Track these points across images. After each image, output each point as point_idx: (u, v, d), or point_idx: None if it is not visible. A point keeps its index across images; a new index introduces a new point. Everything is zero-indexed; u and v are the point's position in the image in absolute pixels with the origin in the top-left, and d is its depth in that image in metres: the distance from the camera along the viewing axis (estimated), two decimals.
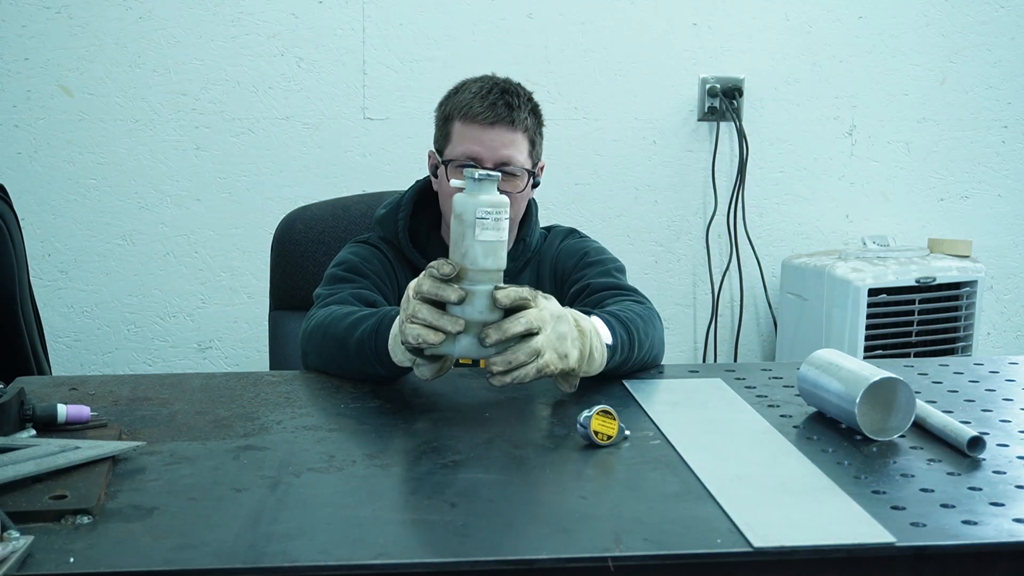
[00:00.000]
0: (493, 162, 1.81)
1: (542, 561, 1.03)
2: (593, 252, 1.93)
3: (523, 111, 1.84)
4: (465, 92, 1.85)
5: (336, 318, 1.64)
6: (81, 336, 3.06)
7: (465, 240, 1.41)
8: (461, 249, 1.42)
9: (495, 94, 1.83)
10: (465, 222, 1.41)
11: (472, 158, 1.81)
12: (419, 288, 1.40)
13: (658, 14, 3.17)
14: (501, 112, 1.82)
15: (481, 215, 1.41)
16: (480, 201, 1.41)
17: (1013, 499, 1.18)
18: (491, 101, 1.82)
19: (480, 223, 1.41)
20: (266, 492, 1.17)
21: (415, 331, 1.39)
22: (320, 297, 1.77)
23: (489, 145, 1.81)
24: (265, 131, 3.04)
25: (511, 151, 1.82)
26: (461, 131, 1.83)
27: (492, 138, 1.81)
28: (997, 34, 3.33)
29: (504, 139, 1.82)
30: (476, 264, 1.40)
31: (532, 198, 1.93)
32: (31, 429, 1.32)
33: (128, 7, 2.94)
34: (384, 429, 1.42)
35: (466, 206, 1.41)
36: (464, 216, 1.41)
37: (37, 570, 0.99)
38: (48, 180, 2.98)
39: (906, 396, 1.38)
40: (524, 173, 1.84)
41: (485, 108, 1.81)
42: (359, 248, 1.90)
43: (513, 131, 1.83)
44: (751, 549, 1.05)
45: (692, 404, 1.52)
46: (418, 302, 1.40)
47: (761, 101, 3.26)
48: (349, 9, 3.03)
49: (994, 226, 3.44)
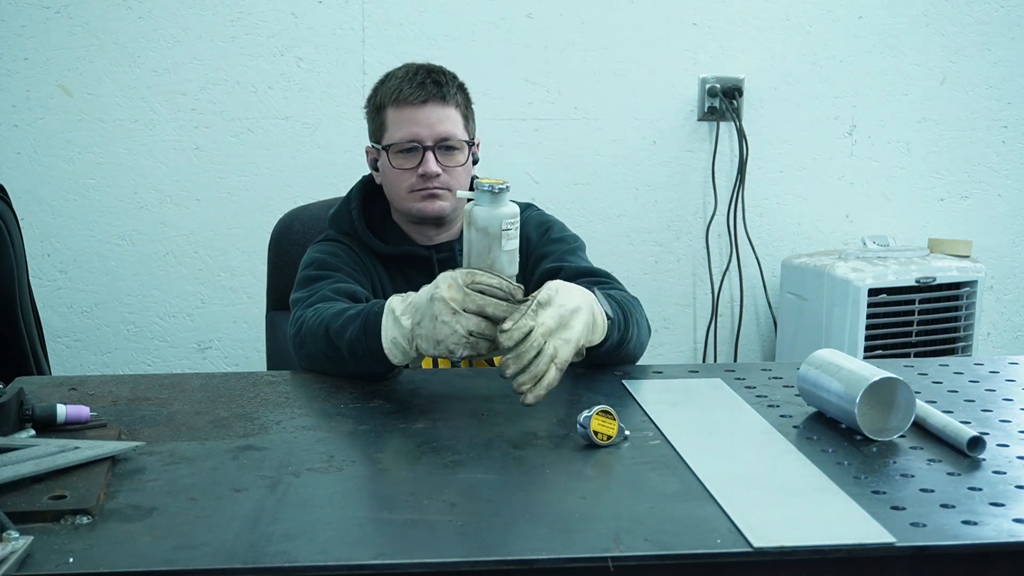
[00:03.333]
0: (433, 139, 1.84)
1: (542, 561, 1.03)
2: (556, 228, 1.96)
3: (452, 87, 1.88)
4: (392, 80, 1.89)
5: (324, 320, 1.63)
6: (81, 336, 3.05)
7: (492, 252, 1.49)
8: (487, 260, 1.49)
9: (421, 75, 1.87)
10: (491, 234, 1.49)
11: (412, 139, 1.84)
12: (482, 311, 1.43)
13: (658, 14, 3.17)
14: (431, 90, 1.85)
15: (506, 227, 1.49)
16: (503, 213, 1.50)
17: (1013, 499, 1.18)
18: (419, 81, 1.86)
19: (505, 234, 1.49)
20: (265, 492, 1.17)
21: (488, 347, 1.45)
22: (299, 301, 1.77)
23: (425, 123, 1.84)
24: (264, 131, 3.04)
25: (447, 126, 1.86)
26: (396, 116, 1.86)
27: (427, 115, 1.85)
28: (997, 34, 3.33)
29: (439, 115, 1.85)
30: (504, 273, 1.49)
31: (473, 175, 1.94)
32: (31, 429, 1.32)
33: (128, 7, 2.94)
34: (384, 429, 1.42)
35: (490, 219, 1.49)
36: (489, 229, 1.49)
37: (37, 570, 0.99)
38: (47, 180, 2.98)
39: (906, 396, 1.38)
40: (464, 146, 1.87)
41: (415, 88, 1.85)
42: (322, 246, 1.92)
43: (445, 106, 1.86)
44: (751, 549, 1.05)
45: (692, 404, 1.52)
46: (480, 319, 1.43)
47: (761, 101, 3.26)
48: (349, 9, 3.03)
49: (994, 226, 3.44)
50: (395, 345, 1.51)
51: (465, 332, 1.43)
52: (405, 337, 1.50)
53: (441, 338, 1.45)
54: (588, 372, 1.72)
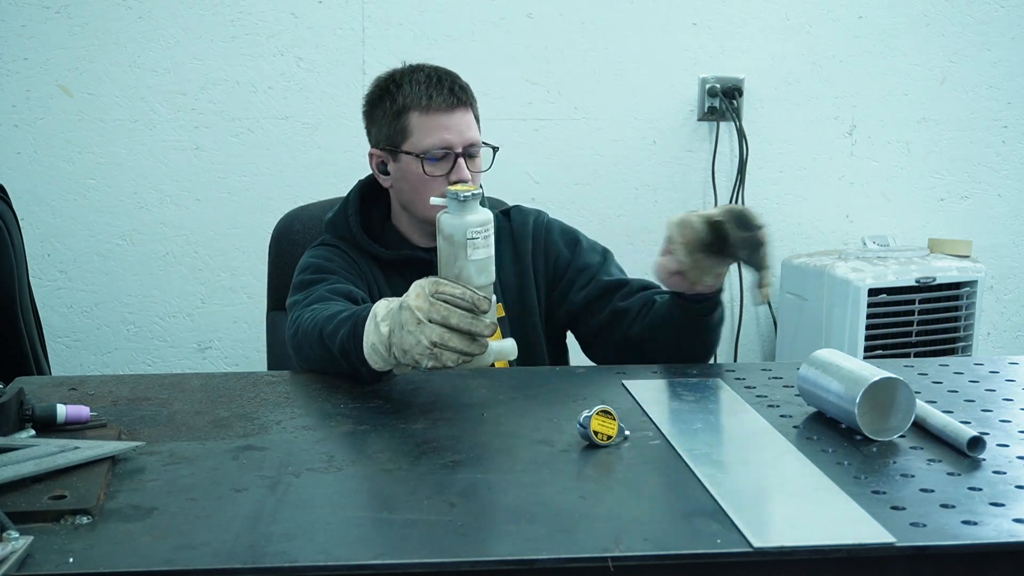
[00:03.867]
0: (463, 145, 1.85)
1: (542, 561, 1.03)
2: (579, 234, 1.99)
3: (469, 93, 1.90)
4: (412, 84, 1.87)
5: (318, 323, 1.62)
6: (81, 336, 3.05)
7: (458, 261, 1.44)
8: (454, 270, 1.44)
9: (447, 81, 1.87)
10: (456, 243, 1.44)
11: (445, 146, 1.84)
12: (446, 321, 1.40)
13: (658, 14, 3.17)
14: (460, 96, 1.87)
15: (471, 235, 1.44)
16: (468, 222, 1.44)
17: (1013, 499, 1.18)
18: (448, 87, 1.86)
19: (471, 243, 1.44)
20: (265, 492, 1.17)
21: (453, 357, 1.41)
22: (296, 304, 1.76)
23: (456, 130, 1.85)
24: (264, 131, 3.04)
25: (474, 132, 1.88)
26: (423, 122, 1.85)
27: (456, 122, 1.85)
28: (997, 34, 3.33)
29: (466, 121, 1.87)
30: (470, 283, 1.43)
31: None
32: (30, 429, 1.32)
33: (128, 7, 2.94)
34: (384, 429, 1.42)
35: (455, 228, 1.44)
36: (455, 237, 1.44)
37: (36, 570, 0.99)
38: (48, 180, 2.98)
39: (906, 396, 1.38)
40: (489, 149, 1.89)
41: (445, 95, 1.85)
42: (317, 250, 1.92)
43: (467, 111, 1.88)
44: (751, 549, 1.05)
45: (692, 404, 1.52)
46: (444, 330, 1.40)
47: (761, 101, 3.26)
48: (349, 9, 3.03)
49: (994, 226, 3.44)
50: (374, 351, 1.49)
51: (428, 343, 1.40)
52: (383, 344, 1.47)
53: (407, 347, 1.42)
54: (588, 372, 1.72)
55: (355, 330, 1.53)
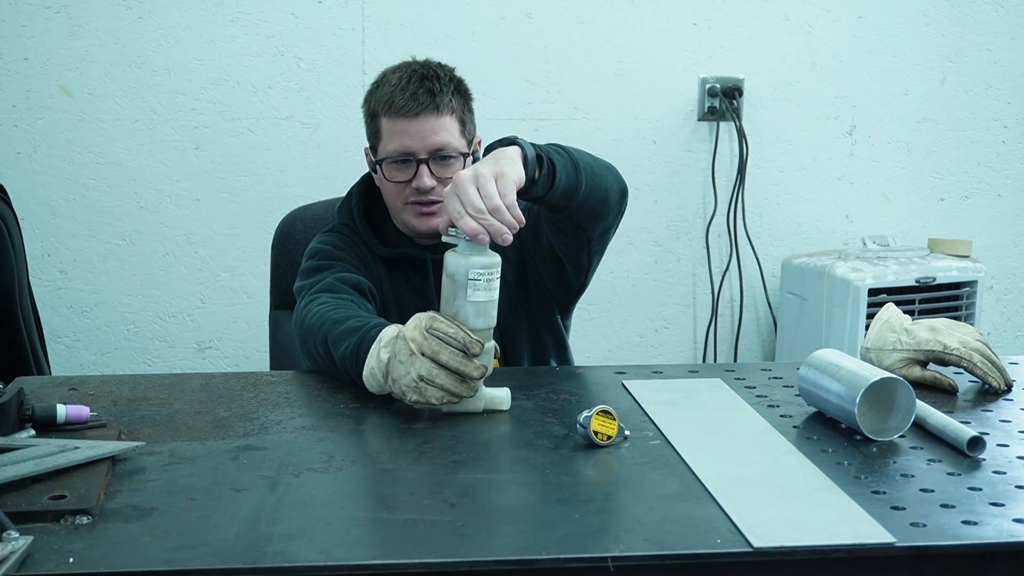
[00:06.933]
0: (426, 152, 1.81)
1: (542, 561, 1.03)
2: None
3: (446, 94, 1.82)
4: (386, 85, 1.84)
5: (325, 326, 1.61)
6: (81, 336, 3.05)
7: (456, 300, 1.42)
8: (452, 308, 1.43)
9: (415, 83, 1.81)
10: (457, 282, 1.42)
11: (405, 152, 1.81)
12: (436, 357, 1.39)
13: (658, 14, 3.17)
14: (423, 100, 1.80)
15: (473, 276, 1.41)
16: (472, 263, 1.41)
17: (1013, 499, 1.18)
18: (411, 92, 1.80)
19: (472, 284, 1.41)
20: (265, 492, 1.17)
21: (438, 395, 1.40)
22: (303, 289, 1.76)
23: (418, 136, 1.80)
24: (265, 131, 3.04)
25: (441, 137, 1.82)
26: (389, 127, 1.83)
27: (420, 128, 1.80)
28: (997, 34, 3.33)
29: (432, 127, 1.81)
30: (466, 324, 1.41)
31: None
32: (30, 429, 1.32)
33: (128, 7, 2.94)
34: (384, 429, 1.42)
35: (458, 266, 1.42)
36: (456, 276, 1.42)
37: (36, 570, 0.99)
38: (48, 180, 2.98)
39: (906, 396, 1.38)
40: (460, 156, 1.84)
41: (407, 100, 1.80)
42: (327, 237, 1.91)
43: (439, 116, 1.81)
44: (751, 549, 1.05)
45: (692, 404, 1.52)
46: (433, 365, 1.39)
47: (761, 101, 3.26)
48: (349, 9, 3.03)
49: (994, 226, 3.44)
50: (372, 375, 1.47)
51: (416, 376, 1.39)
52: (381, 370, 1.45)
53: (396, 377, 1.42)
54: (588, 372, 1.72)
55: (359, 348, 1.51)
